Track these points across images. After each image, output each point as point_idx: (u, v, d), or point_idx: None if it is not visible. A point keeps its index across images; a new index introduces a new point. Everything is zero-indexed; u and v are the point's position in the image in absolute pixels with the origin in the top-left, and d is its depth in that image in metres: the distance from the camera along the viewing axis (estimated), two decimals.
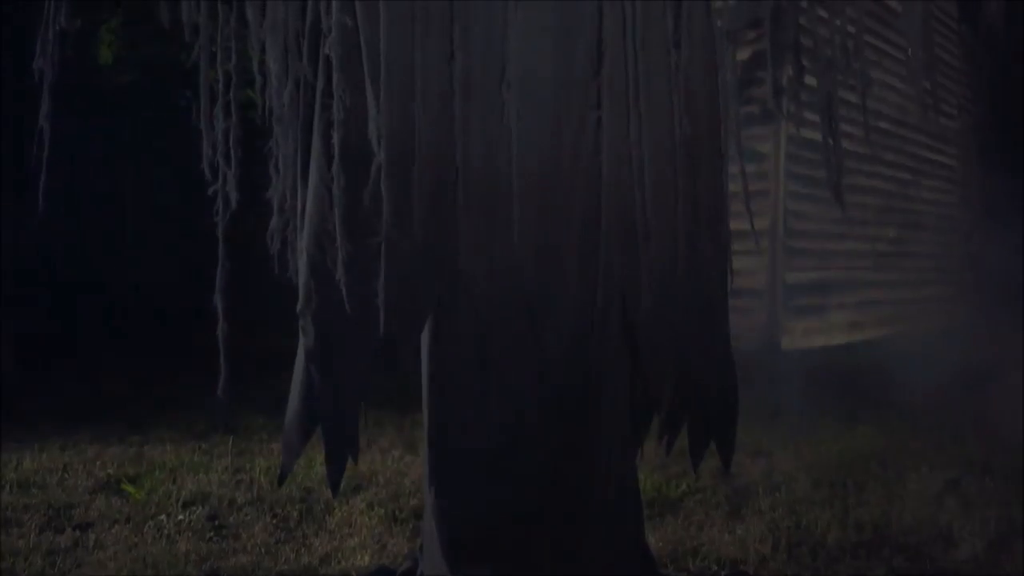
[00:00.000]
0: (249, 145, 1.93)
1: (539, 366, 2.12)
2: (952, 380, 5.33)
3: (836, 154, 2.24)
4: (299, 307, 2.04)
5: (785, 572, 2.65)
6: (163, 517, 3.10)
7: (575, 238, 2.11)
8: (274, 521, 3.10)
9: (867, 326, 8.53)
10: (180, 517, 3.10)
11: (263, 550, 2.80)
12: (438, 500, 2.14)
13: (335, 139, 2.01)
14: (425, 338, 2.15)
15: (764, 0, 2.38)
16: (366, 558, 2.71)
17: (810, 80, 2.29)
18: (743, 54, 2.66)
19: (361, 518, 3.09)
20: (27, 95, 2.39)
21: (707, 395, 2.28)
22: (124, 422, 4.72)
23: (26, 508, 3.17)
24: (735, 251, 2.34)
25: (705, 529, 3.00)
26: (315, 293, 2.05)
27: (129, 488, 3.39)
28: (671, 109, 2.15)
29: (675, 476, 3.51)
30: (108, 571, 2.61)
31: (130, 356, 6.36)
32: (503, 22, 2.03)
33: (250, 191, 2.01)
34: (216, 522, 3.07)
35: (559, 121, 2.09)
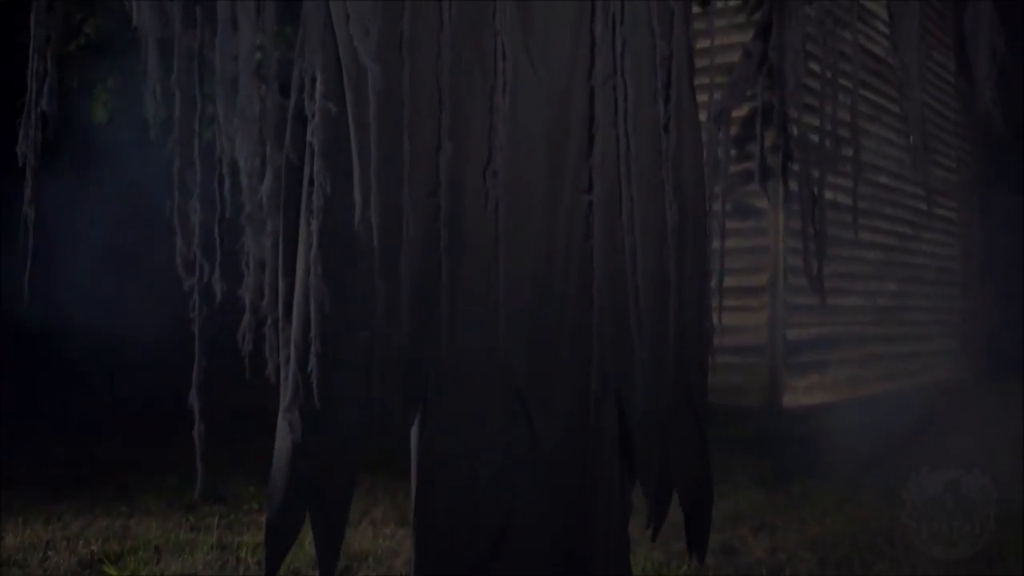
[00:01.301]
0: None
1: (531, 455, 2.05)
2: (958, 439, 5.24)
3: (819, 243, 2.19)
4: (284, 404, 1.97)
5: None
6: None
7: (567, 326, 2.04)
8: None
9: (870, 381, 8.43)
10: None
11: None
12: None
13: (315, 228, 1.95)
14: (414, 429, 2.08)
15: (754, 83, 2.36)
16: None
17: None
18: (741, 111, 2.62)
19: None
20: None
21: (684, 490, 2.22)
22: (112, 489, 4.63)
23: None
24: (736, 307, 2.30)
25: None
26: (301, 388, 1.98)
27: (111, 571, 3.29)
28: (662, 195, 2.10)
29: (677, 555, 3.41)
30: None
31: (120, 421, 6.28)
32: (492, 109, 1.99)
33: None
34: None
35: (549, 207, 2.04)
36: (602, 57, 2.04)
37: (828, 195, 2.31)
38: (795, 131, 2.28)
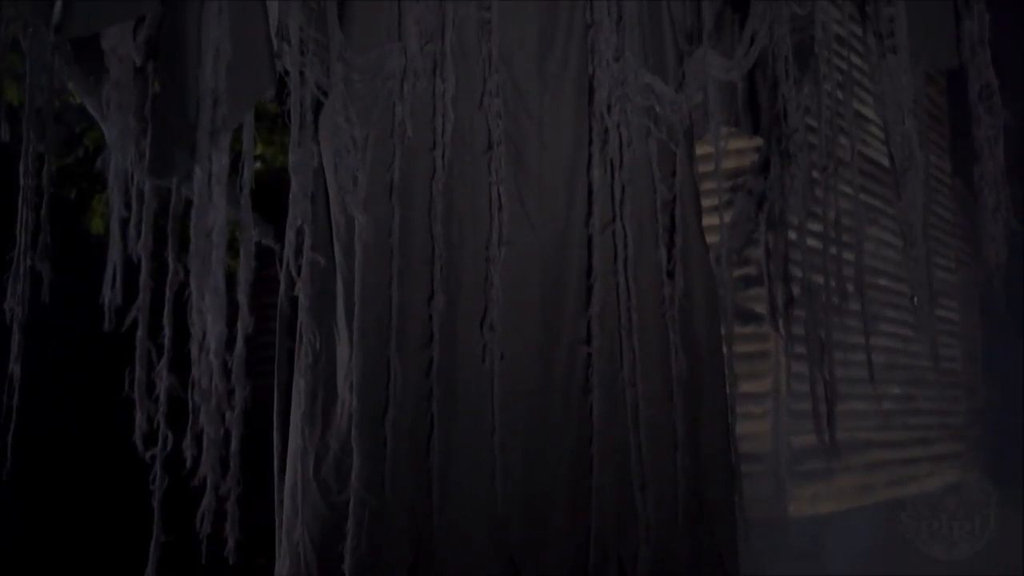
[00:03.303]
0: None
1: None
2: (964, 550, 5.06)
3: (829, 395, 2.10)
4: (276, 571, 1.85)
5: None
6: None
7: (564, 488, 1.92)
8: None
9: (877, 488, 8.25)
10: None
11: None
12: None
13: (303, 386, 1.86)
14: None
15: (755, 223, 2.30)
16: None
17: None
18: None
19: None
20: None
21: None
22: None
23: None
24: (738, 414, 2.20)
25: None
26: (288, 555, 1.85)
27: None
28: (667, 344, 2.01)
29: None
30: None
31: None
32: (487, 259, 1.91)
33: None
34: None
35: (546, 360, 1.95)
36: (600, 204, 1.97)
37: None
38: (798, 274, 2.21)
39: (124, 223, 1.54)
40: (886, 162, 2.09)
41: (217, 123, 1.39)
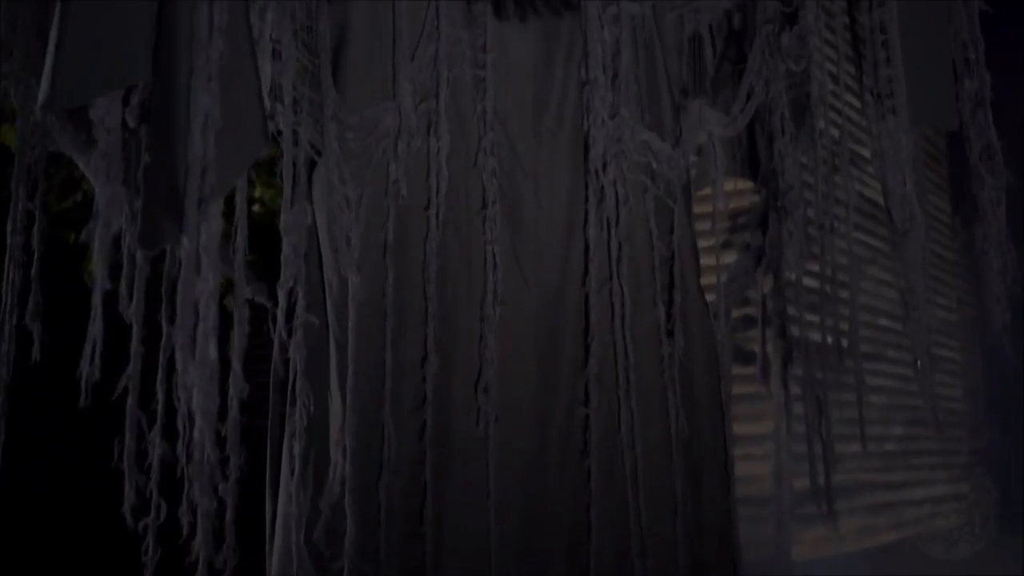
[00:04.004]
0: None
1: None
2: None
3: (826, 456, 2.06)
4: None
5: None
6: None
7: (562, 555, 1.88)
8: None
9: (880, 531, 8.15)
10: None
11: None
12: None
13: (296, 450, 1.82)
14: None
15: (753, 279, 2.28)
16: None
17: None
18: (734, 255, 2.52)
19: None
20: None
21: None
22: None
23: None
24: (740, 456, 2.15)
25: None
26: None
27: None
28: (667, 405, 1.97)
29: None
30: None
31: None
32: (481, 319, 1.88)
33: None
34: None
35: (543, 422, 1.91)
36: (596, 262, 1.95)
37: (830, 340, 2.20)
38: (795, 332, 2.18)
39: (109, 295, 1.51)
40: (882, 200, 2.06)
41: (206, 192, 1.36)
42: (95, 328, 1.48)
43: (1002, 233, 1.79)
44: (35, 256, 2.04)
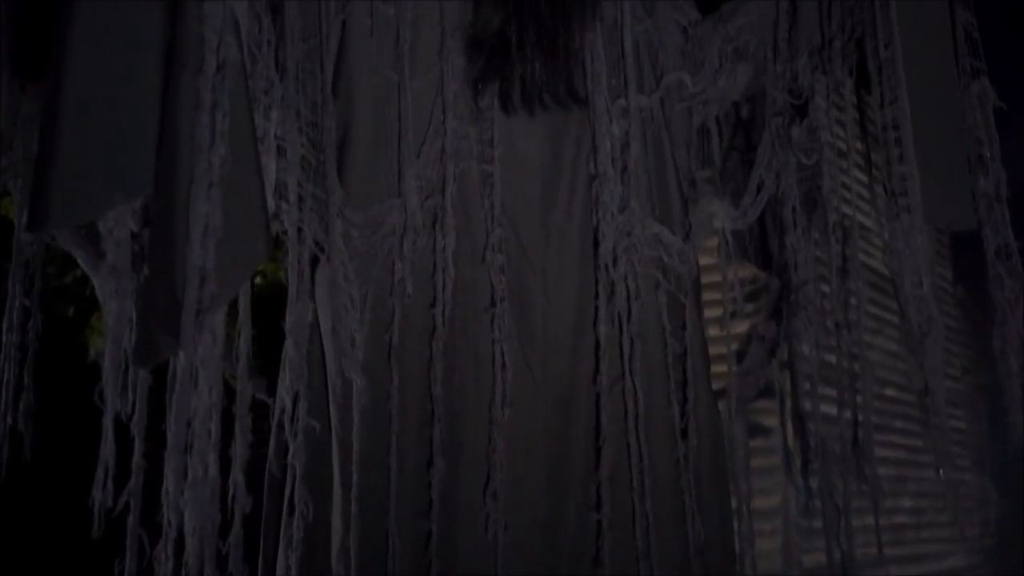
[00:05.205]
0: None
1: None
2: None
3: (846, 568, 1.98)
4: None
5: None
6: None
7: None
8: None
9: None
10: None
11: None
12: None
13: (293, 560, 1.75)
14: None
15: (767, 370, 2.23)
16: None
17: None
18: (741, 326, 2.46)
19: None
20: None
21: None
22: None
23: None
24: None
25: None
26: None
27: None
28: (683, 510, 1.90)
29: None
30: None
31: None
32: (490, 421, 1.82)
33: None
34: None
35: (553, 529, 1.84)
36: (608, 360, 1.89)
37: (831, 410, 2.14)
38: (813, 428, 2.12)
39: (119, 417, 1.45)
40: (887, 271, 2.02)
41: (204, 303, 1.31)
42: (106, 451, 1.41)
43: (1021, 334, 1.74)
44: (28, 353, 1.99)
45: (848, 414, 1.98)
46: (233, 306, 1.62)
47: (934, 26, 1.79)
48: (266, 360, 2.14)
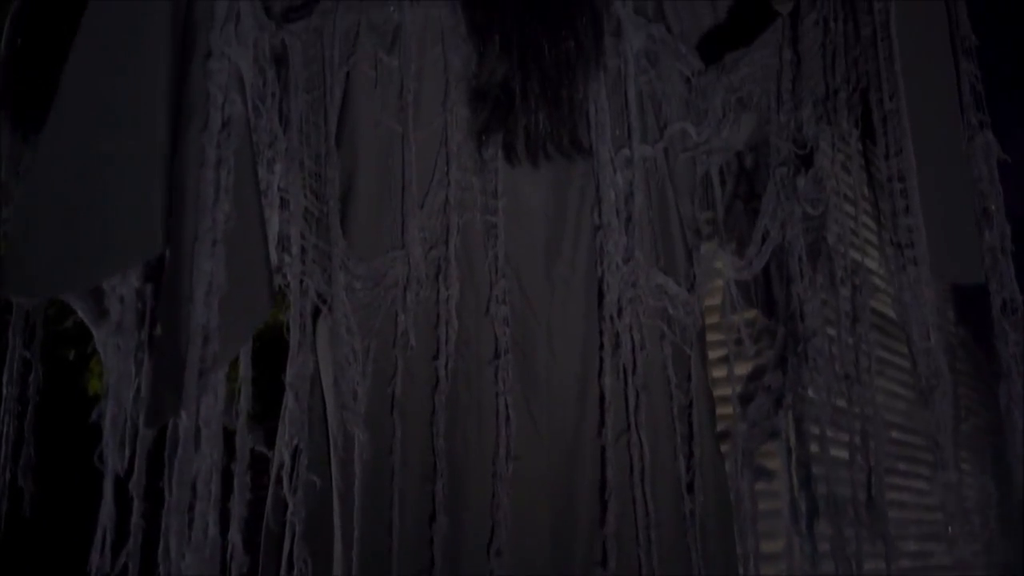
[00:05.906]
0: None
1: None
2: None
3: None
4: None
5: None
6: None
7: None
8: None
9: None
10: None
11: None
12: None
13: None
14: None
15: (775, 420, 2.21)
16: None
17: None
18: (744, 367, 2.44)
19: None
20: None
21: None
22: None
23: None
24: None
25: None
26: None
27: None
28: (689, 565, 1.87)
29: None
30: None
31: None
32: (493, 475, 1.79)
33: None
34: None
35: None
36: (613, 412, 1.86)
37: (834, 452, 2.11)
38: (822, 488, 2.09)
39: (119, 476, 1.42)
40: (890, 312, 2.00)
41: (207, 362, 1.29)
42: (105, 515, 1.39)
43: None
44: (28, 406, 1.97)
45: (860, 462, 1.95)
46: (234, 359, 1.61)
47: (938, 78, 1.79)
48: (265, 404, 2.12)
